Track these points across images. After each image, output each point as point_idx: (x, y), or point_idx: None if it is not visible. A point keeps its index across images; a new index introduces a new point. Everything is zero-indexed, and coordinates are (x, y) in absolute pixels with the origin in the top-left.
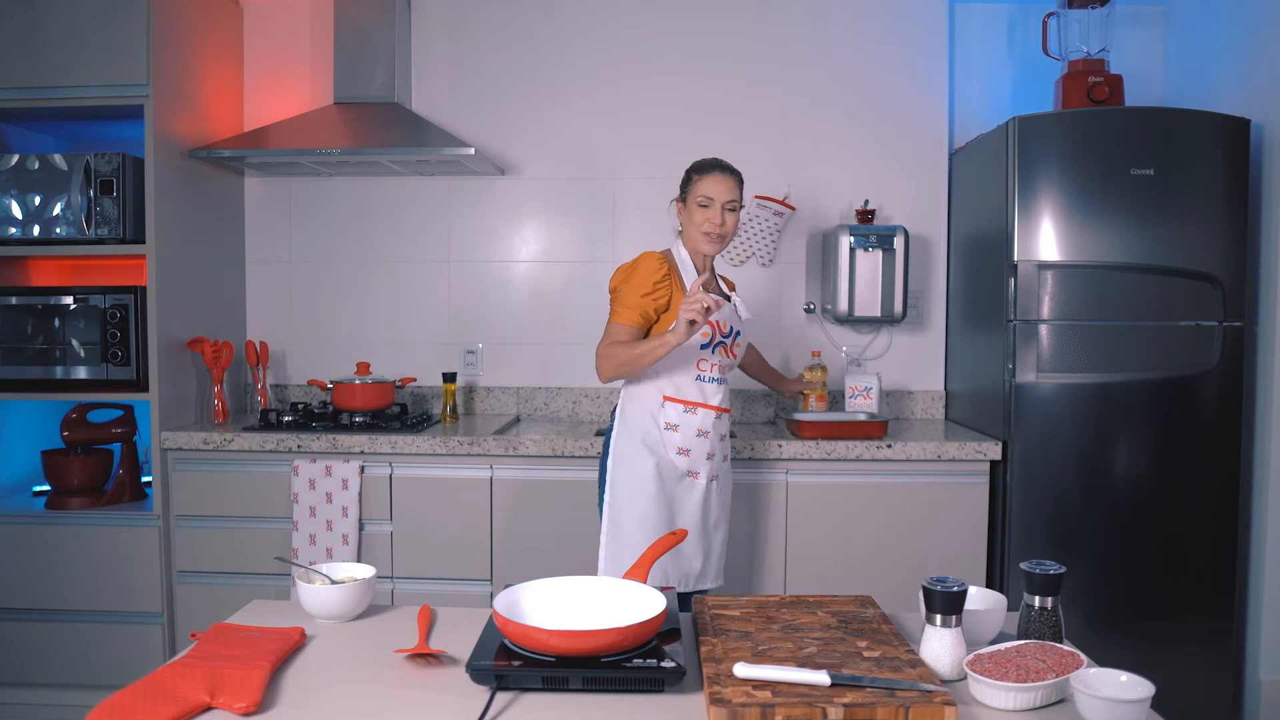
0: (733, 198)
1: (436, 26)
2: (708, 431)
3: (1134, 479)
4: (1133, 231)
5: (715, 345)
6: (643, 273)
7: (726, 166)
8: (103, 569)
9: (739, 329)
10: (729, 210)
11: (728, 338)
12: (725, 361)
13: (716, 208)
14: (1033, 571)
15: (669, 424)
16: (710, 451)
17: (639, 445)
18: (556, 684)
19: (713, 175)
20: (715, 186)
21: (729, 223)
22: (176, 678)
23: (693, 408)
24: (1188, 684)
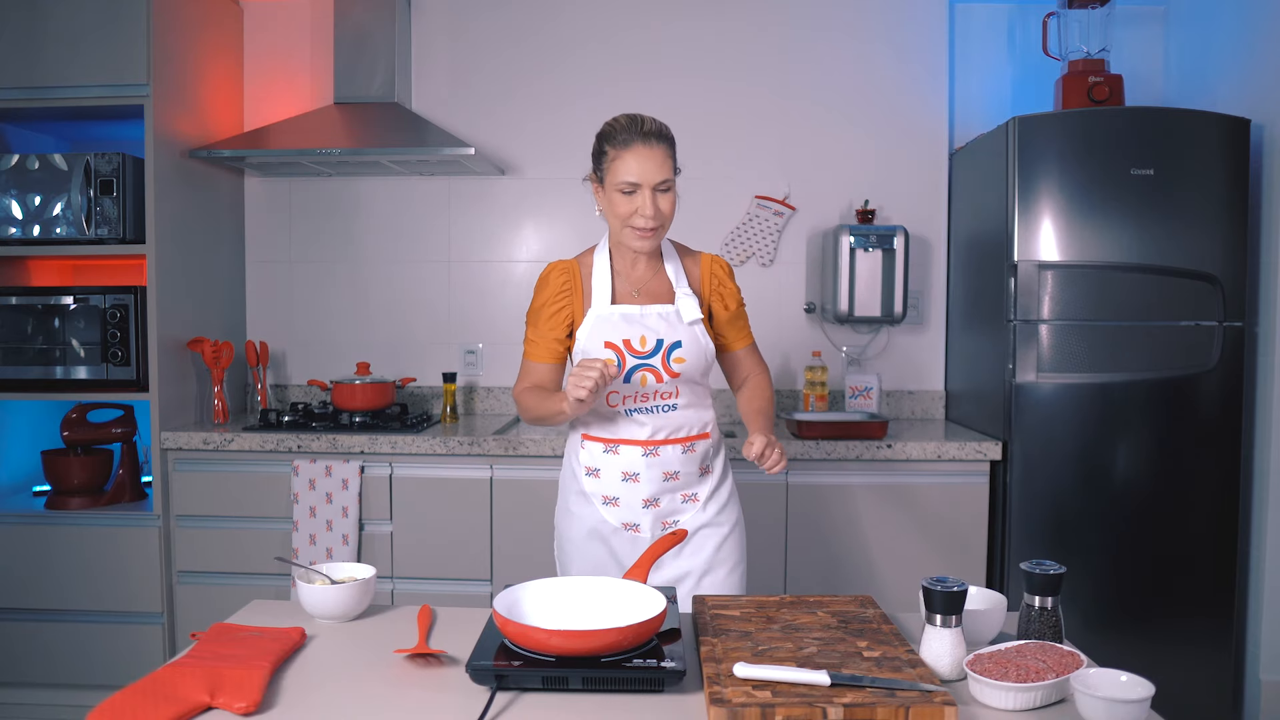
0: (664, 177)
1: (436, 26)
2: (637, 474)
3: (1134, 479)
4: (1133, 231)
5: (632, 370)
6: (537, 295)
7: (651, 132)
8: (103, 569)
9: (678, 338)
10: (661, 192)
11: (650, 356)
12: (654, 387)
13: (645, 194)
14: (1033, 571)
15: (590, 468)
16: (650, 498)
17: (571, 493)
18: (556, 684)
19: (634, 149)
20: (639, 165)
21: (665, 208)
22: (176, 678)
23: (613, 446)
24: (1188, 684)
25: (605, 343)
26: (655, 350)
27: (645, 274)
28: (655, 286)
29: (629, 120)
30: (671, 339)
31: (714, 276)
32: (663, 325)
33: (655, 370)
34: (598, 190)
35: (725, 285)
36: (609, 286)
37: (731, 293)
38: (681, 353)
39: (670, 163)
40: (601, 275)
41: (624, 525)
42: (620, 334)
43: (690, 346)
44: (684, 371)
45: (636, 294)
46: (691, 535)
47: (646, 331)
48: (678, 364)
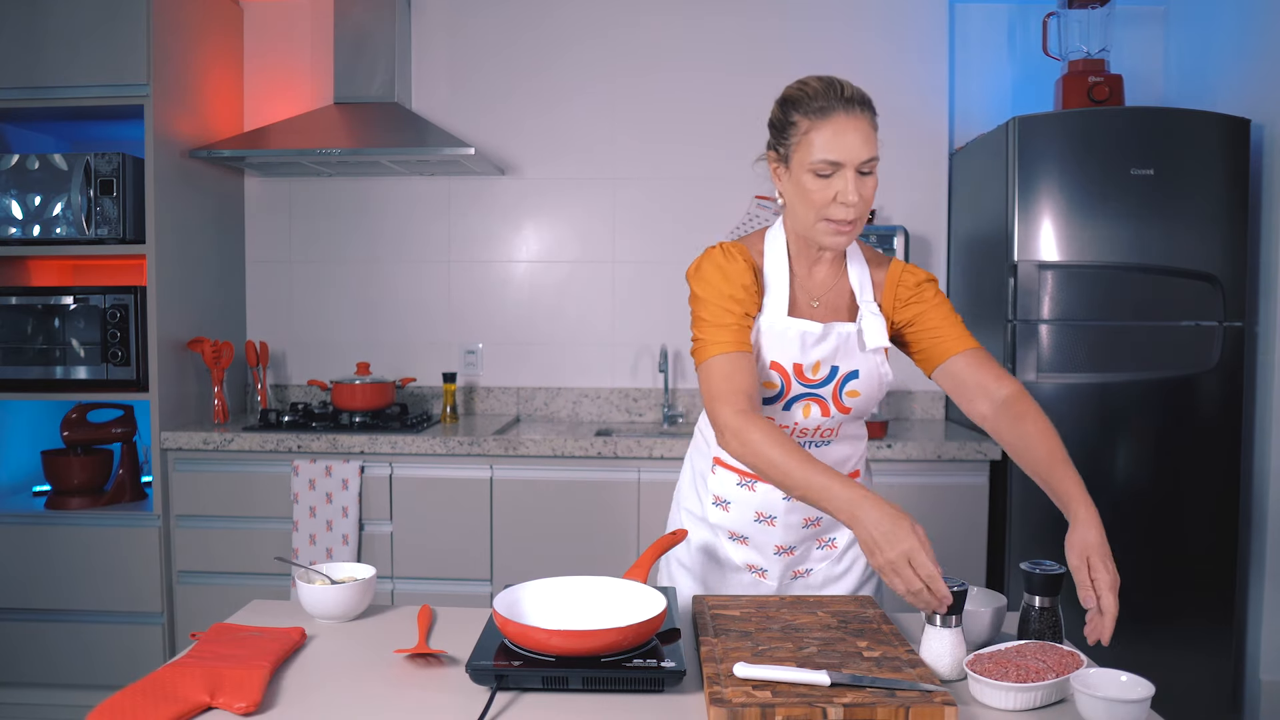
0: (871, 154)
1: (436, 26)
2: (773, 517)
3: (1134, 479)
4: (1133, 231)
5: (794, 400)
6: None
7: (854, 98)
8: (103, 569)
9: (855, 367)
10: (865, 174)
11: (820, 386)
12: (817, 423)
13: (847, 175)
14: (1033, 571)
15: (719, 498)
16: (783, 545)
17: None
18: (556, 684)
19: (834, 120)
20: (841, 139)
21: (868, 194)
22: (176, 678)
23: (749, 481)
24: (1188, 684)
25: (772, 363)
26: (828, 380)
27: (826, 280)
28: (836, 298)
29: (824, 84)
30: (848, 368)
31: (900, 285)
32: (842, 349)
33: (823, 403)
34: (779, 172)
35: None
36: (785, 292)
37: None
38: (857, 385)
39: (874, 135)
40: (777, 276)
41: (749, 566)
42: (791, 356)
43: (868, 379)
44: (855, 407)
45: (815, 305)
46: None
47: (823, 357)
48: (850, 398)
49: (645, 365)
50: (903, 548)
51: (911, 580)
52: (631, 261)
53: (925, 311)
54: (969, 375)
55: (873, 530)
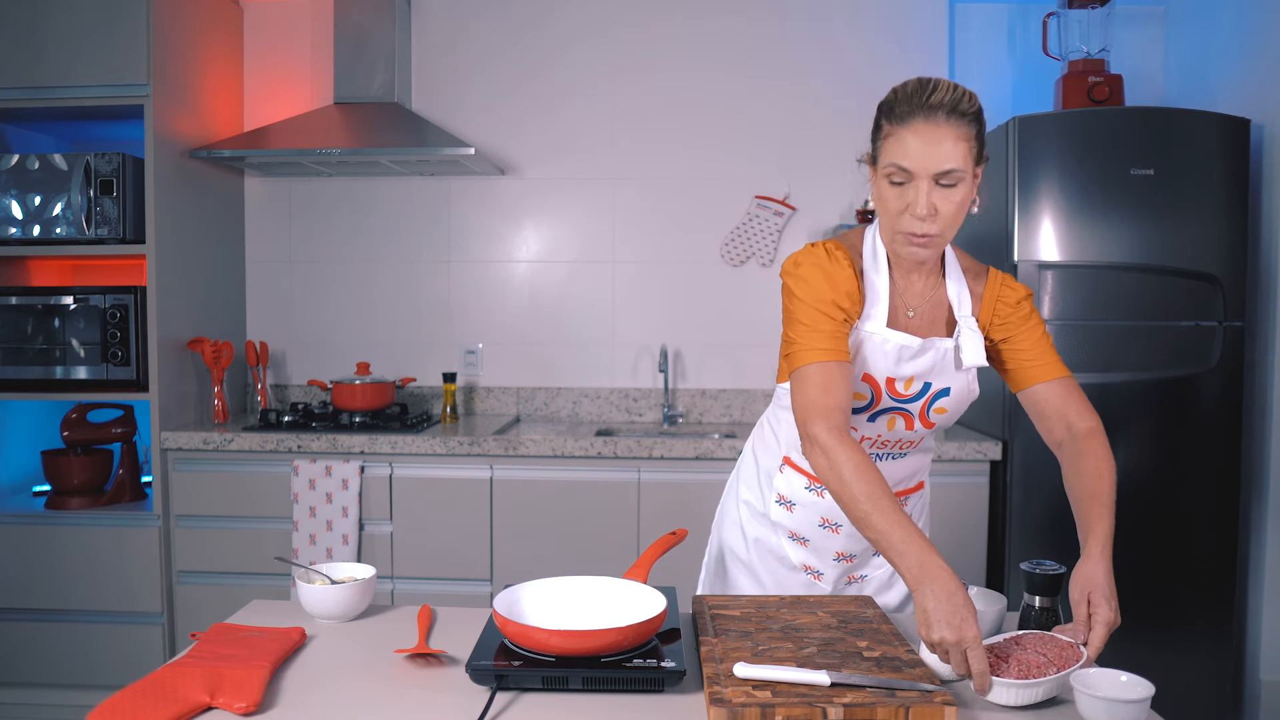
0: (951, 165)
1: (436, 26)
2: (839, 525)
3: (1134, 479)
4: (1133, 231)
5: (880, 413)
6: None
7: (940, 104)
8: (103, 569)
9: (948, 384)
10: (946, 187)
11: (910, 401)
12: (901, 436)
13: (921, 186)
14: (1033, 571)
15: (783, 497)
16: (844, 552)
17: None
18: (556, 684)
19: (913, 126)
20: (915, 147)
21: (947, 208)
22: (176, 678)
23: (818, 486)
24: (1188, 684)
25: (864, 375)
26: (919, 395)
27: (924, 290)
28: (934, 309)
29: (917, 86)
30: (941, 384)
31: (999, 301)
32: (935, 365)
33: (909, 418)
34: (873, 175)
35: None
36: (886, 303)
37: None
38: (946, 402)
39: (965, 147)
40: (879, 284)
41: (805, 567)
42: (886, 369)
43: (958, 396)
44: (939, 423)
45: (911, 315)
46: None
47: (917, 373)
48: (938, 415)
49: (645, 365)
50: (961, 637)
51: (959, 666)
52: (631, 261)
53: (1021, 334)
54: (1053, 405)
55: (934, 608)
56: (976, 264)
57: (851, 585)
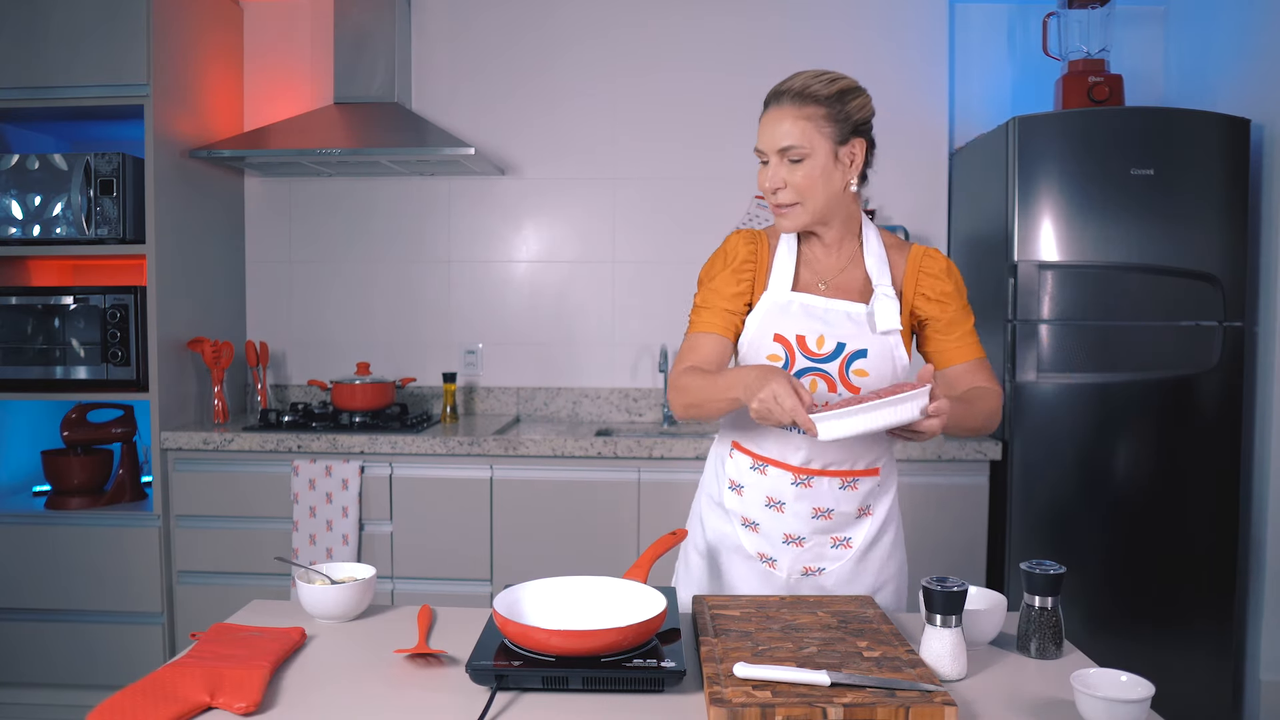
0: (789, 143)
1: (436, 26)
2: (782, 504)
3: (1134, 479)
4: (1133, 231)
5: (800, 374)
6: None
7: (785, 90)
8: (103, 569)
9: (864, 346)
10: (793, 163)
11: (825, 361)
12: (828, 398)
13: (771, 161)
14: (1033, 571)
15: (734, 482)
16: (794, 535)
17: (709, 503)
18: (556, 684)
19: (767, 113)
20: (763, 130)
21: (795, 179)
22: (176, 678)
23: (761, 464)
24: (1188, 684)
25: (774, 335)
26: (833, 355)
27: (838, 263)
28: (849, 280)
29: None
30: (856, 345)
31: (922, 272)
32: (849, 327)
33: (829, 379)
34: None
35: (938, 284)
36: (791, 270)
37: (948, 293)
38: (865, 364)
39: (808, 125)
40: (785, 256)
41: (760, 555)
42: (795, 328)
43: (878, 359)
44: (865, 388)
45: (823, 286)
46: (834, 589)
47: (827, 331)
48: (858, 377)
49: (645, 365)
50: (768, 390)
51: (781, 415)
52: (631, 261)
53: (942, 318)
54: (964, 381)
55: (748, 384)
56: (900, 241)
57: (808, 577)
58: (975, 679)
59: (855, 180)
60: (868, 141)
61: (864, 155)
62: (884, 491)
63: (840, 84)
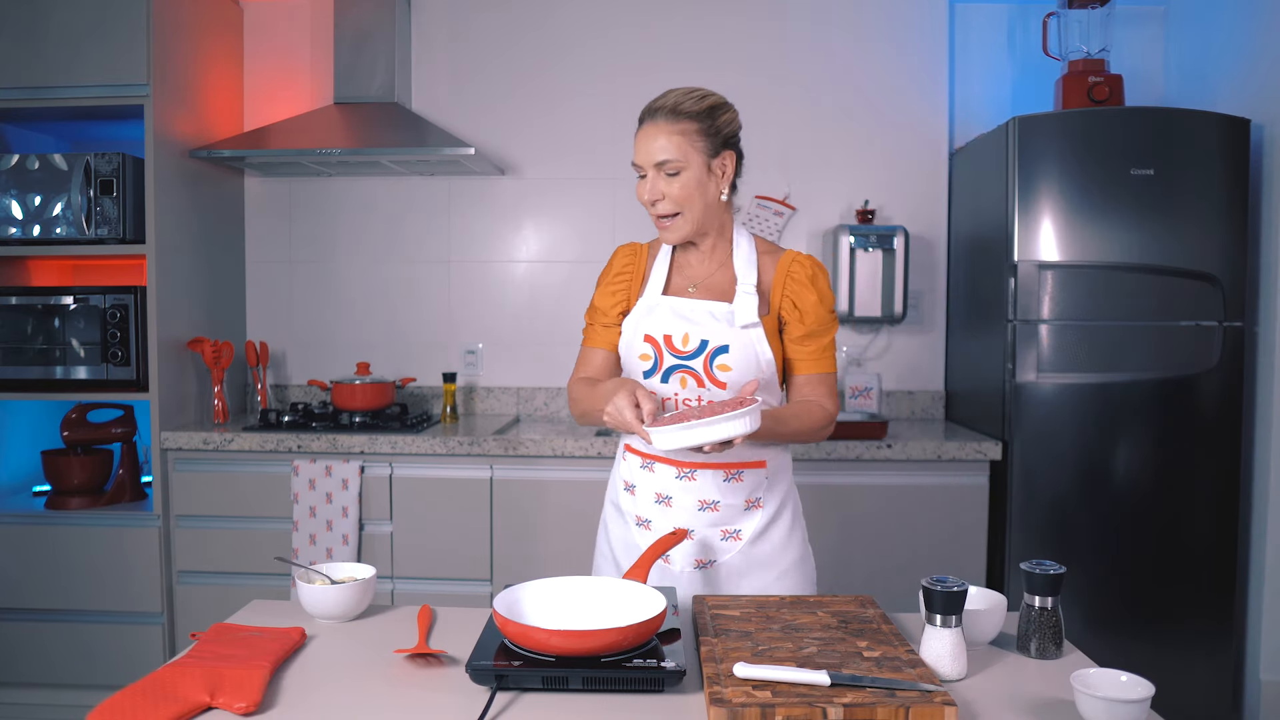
0: (663, 157)
1: (436, 26)
2: (670, 498)
3: (1134, 479)
4: (1133, 231)
5: (669, 371)
6: (600, 276)
7: (658, 108)
8: (103, 569)
9: (726, 342)
10: (670, 176)
11: (690, 358)
12: (698, 393)
13: (649, 175)
14: (1033, 571)
15: (627, 483)
16: (683, 528)
17: (609, 505)
18: (556, 684)
19: (641, 129)
20: (639, 146)
21: (672, 193)
22: (176, 678)
23: (649, 462)
24: (1188, 684)
25: (645, 335)
26: (698, 352)
27: (708, 268)
28: (718, 283)
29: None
30: (719, 341)
31: (789, 277)
32: (712, 325)
33: (695, 375)
34: None
35: (802, 292)
36: (664, 276)
37: (810, 303)
38: (728, 359)
39: (681, 139)
40: (661, 263)
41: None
42: (663, 328)
43: (740, 354)
44: (730, 382)
45: (692, 289)
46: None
47: (692, 329)
48: (722, 372)
49: None
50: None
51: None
52: None
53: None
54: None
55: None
56: (775, 248)
57: (701, 569)
58: (975, 679)
59: (727, 190)
60: (737, 154)
61: (734, 166)
62: (774, 484)
63: (710, 100)
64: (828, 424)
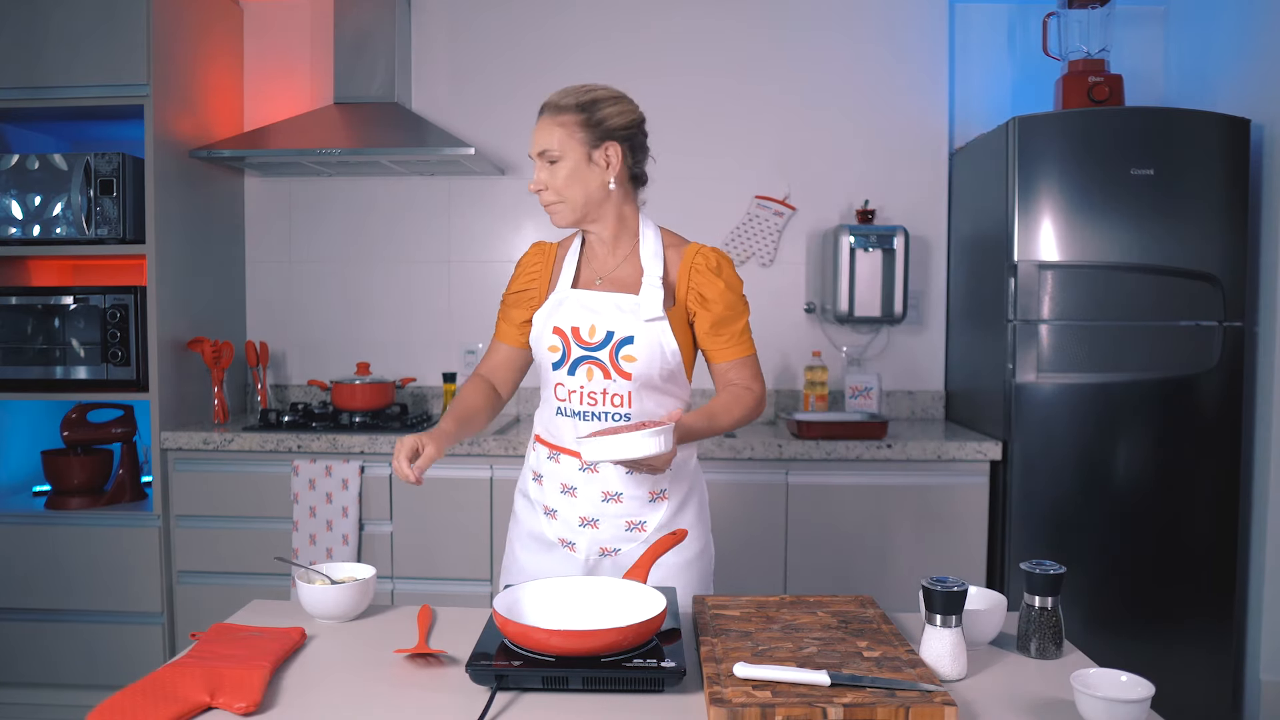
0: (544, 147)
1: (436, 26)
2: (575, 488)
3: (1134, 479)
4: (1133, 231)
5: (576, 363)
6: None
7: (548, 104)
8: (103, 569)
9: (631, 333)
10: (551, 164)
11: (597, 349)
12: (605, 385)
13: (536, 165)
14: (1033, 571)
15: (536, 473)
16: (586, 517)
17: (518, 494)
18: (556, 684)
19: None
20: (532, 138)
21: (554, 183)
22: (176, 678)
23: (555, 453)
24: (1188, 684)
25: (554, 328)
26: (604, 343)
27: (614, 261)
28: (624, 275)
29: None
30: (624, 333)
31: (693, 270)
32: (618, 317)
33: (602, 366)
34: None
35: (707, 283)
36: (573, 271)
37: (716, 292)
38: (633, 350)
39: (561, 131)
40: (571, 258)
41: (560, 540)
42: (570, 321)
43: (645, 345)
44: (635, 373)
45: (599, 282)
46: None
47: (598, 321)
48: (627, 363)
49: None
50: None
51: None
52: None
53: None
54: (729, 378)
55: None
56: (681, 240)
57: (606, 557)
58: (975, 679)
59: (613, 180)
60: (626, 146)
61: (622, 158)
62: (679, 476)
63: (593, 94)
64: (759, 404)
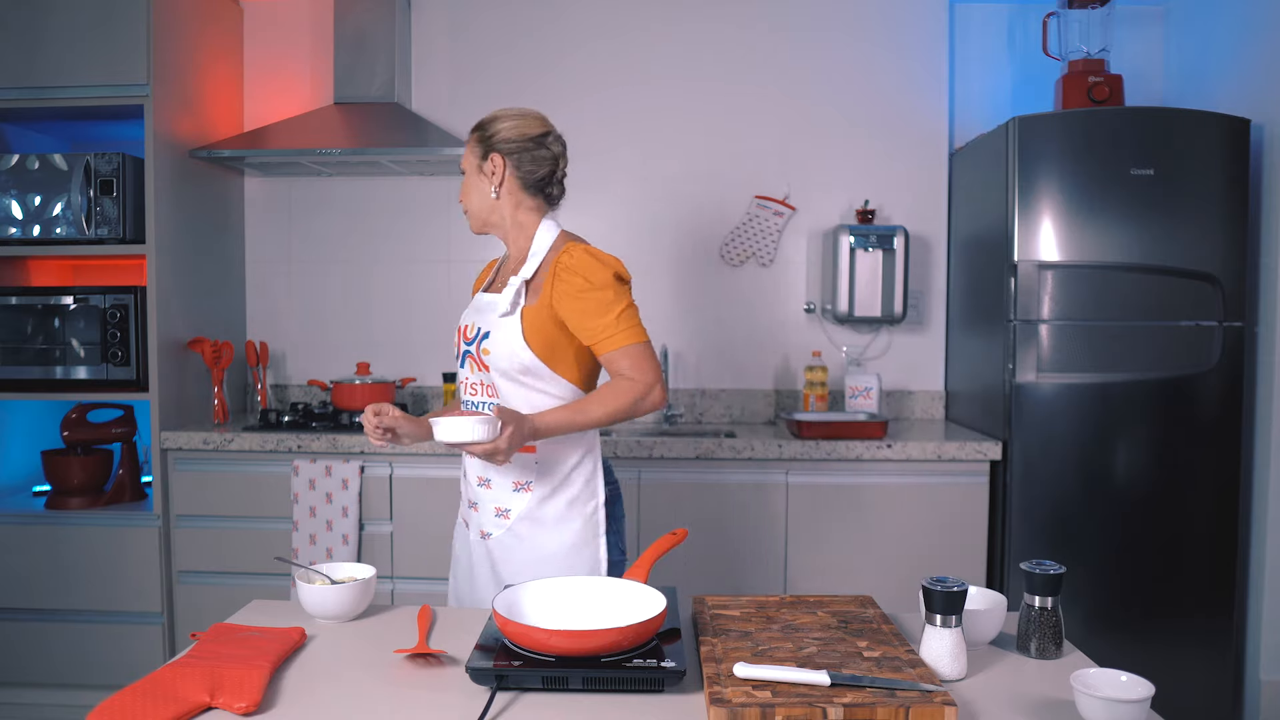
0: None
1: (436, 26)
2: (466, 471)
3: (1134, 479)
4: (1133, 231)
5: (462, 357)
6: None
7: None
8: (103, 569)
9: (489, 329)
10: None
11: (470, 344)
12: (479, 376)
13: None
14: (1033, 571)
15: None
16: (472, 500)
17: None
18: (556, 684)
19: None
20: None
21: (461, 195)
22: (176, 678)
23: None
24: (1188, 684)
25: (457, 328)
26: (475, 339)
27: (513, 267)
28: (508, 275)
29: None
30: (485, 329)
31: (557, 266)
32: (487, 314)
33: (476, 359)
34: None
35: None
36: (493, 276)
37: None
38: (488, 344)
39: (466, 150)
40: (495, 267)
41: (462, 519)
42: (465, 320)
43: (498, 340)
44: (493, 365)
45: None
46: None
47: (476, 319)
48: (485, 356)
49: None
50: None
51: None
52: (630, 262)
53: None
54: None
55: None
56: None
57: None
58: (975, 679)
59: (494, 189)
60: (513, 158)
61: (504, 168)
62: (546, 470)
63: (495, 114)
64: (643, 394)
